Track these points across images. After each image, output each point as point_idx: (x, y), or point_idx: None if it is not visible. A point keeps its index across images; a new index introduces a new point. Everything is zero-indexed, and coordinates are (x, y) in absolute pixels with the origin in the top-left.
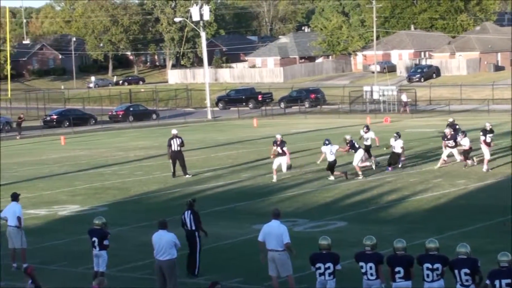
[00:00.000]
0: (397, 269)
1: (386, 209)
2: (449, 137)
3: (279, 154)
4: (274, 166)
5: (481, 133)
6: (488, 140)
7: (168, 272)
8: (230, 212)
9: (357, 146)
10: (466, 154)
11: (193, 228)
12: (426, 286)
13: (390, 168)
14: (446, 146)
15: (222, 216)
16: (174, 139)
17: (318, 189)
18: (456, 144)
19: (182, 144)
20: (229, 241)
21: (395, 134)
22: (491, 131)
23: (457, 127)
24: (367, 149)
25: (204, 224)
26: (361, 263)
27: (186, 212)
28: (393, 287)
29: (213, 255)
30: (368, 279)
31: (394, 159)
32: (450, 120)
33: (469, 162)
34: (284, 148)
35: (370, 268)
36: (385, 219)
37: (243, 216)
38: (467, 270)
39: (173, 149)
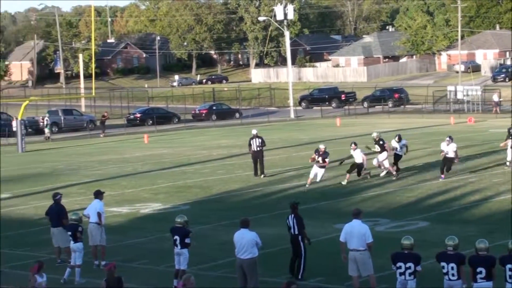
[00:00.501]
0: (479, 269)
1: (469, 209)
2: None
3: (319, 165)
4: (311, 175)
5: None
6: None
7: (249, 271)
8: (312, 211)
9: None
10: None
11: (296, 232)
12: (508, 286)
13: (443, 176)
14: None
15: (304, 215)
16: (254, 139)
17: (400, 189)
18: None
19: (262, 144)
20: (312, 240)
21: (447, 138)
22: None
23: None
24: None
25: (281, 225)
26: (443, 263)
27: (290, 216)
28: (474, 287)
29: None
30: (450, 279)
31: (447, 165)
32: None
33: None
34: (326, 159)
35: (452, 268)
36: (467, 219)
37: (324, 215)
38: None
39: (253, 149)
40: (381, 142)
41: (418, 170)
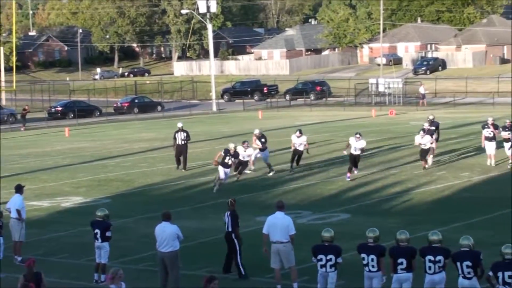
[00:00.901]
0: (399, 260)
1: (390, 201)
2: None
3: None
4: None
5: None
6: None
7: (170, 264)
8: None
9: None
10: (424, 154)
11: (230, 229)
12: (427, 278)
13: (349, 175)
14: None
15: (225, 208)
16: (180, 133)
17: (322, 181)
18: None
19: (187, 138)
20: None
21: (356, 135)
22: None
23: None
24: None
25: (206, 217)
26: (363, 255)
27: (226, 213)
28: (394, 278)
29: (215, 247)
30: (370, 271)
31: (356, 163)
32: (431, 117)
33: (428, 161)
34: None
35: (372, 260)
36: (388, 211)
37: (246, 208)
38: (469, 263)
39: (178, 142)
40: (263, 140)
41: (339, 162)
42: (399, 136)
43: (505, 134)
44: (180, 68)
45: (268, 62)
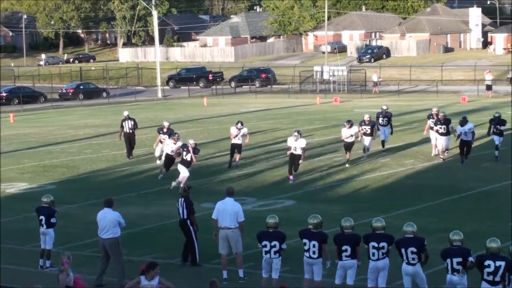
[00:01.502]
0: (344, 247)
1: (334, 188)
2: (367, 122)
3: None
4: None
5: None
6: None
7: (111, 250)
8: (179, 190)
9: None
10: (349, 147)
11: (185, 216)
12: (371, 265)
13: (292, 178)
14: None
15: (171, 194)
16: (127, 121)
17: (267, 168)
18: (372, 132)
19: (135, 126)
20: (177, 219)
21: (295, 133)
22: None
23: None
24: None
25: (152, 204)
26: (305, 240)
27: (180, 200)
28: (339, 265)
29: (162, 233)
30: (310, 257)
31: (295, 164)
32: (384, 107)
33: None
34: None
35: (313, 246)
36: (333, 198)
37: (192, 194)
38: (413, 249)
39: (125, 130)
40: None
41: (284, 150)
42: (342, 123)
43: (437, 128)
44: (126, 55)
45: (213, 49)
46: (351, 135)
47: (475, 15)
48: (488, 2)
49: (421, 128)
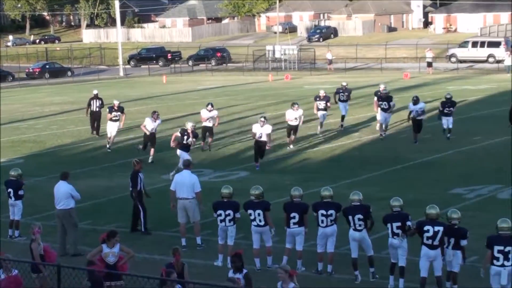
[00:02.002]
0: (292, 215)
1: (286, 160)
2: (322, 98)
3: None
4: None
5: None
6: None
7: (65, 221)
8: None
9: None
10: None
11: (141, 188)
12: (320, 231)
13: (258, 164)
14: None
15: (130, 167)
16: (95, 100)
17: (223, 142)
18: (327, 107)
19: (102, 105)
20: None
21: (261, 118)
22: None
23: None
24: None
25: (115, 176)
26: (250, 211)
27: (131, 173)
28: (288, 232)
29: (124, 204)
30: (258, 225)
31: (260, 152)
32: (344, 83)
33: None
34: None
35: (259, 215)
36: (284, 169)
37: (151, 167)
38: (360, 216)
39: (92, 109)
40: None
41: (239, 124)
42: (294, 99)
43: (379, 104)
44: (89, 36)
45: (171, 30)
46: (295, 118)
47: None
48: None
49: (367, 102)
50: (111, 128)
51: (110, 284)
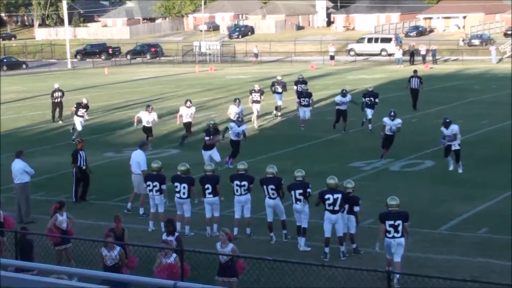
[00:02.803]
0: (206, 186)
1: None
2: (256, 91)
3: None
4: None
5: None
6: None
7: (20, 193)
8: (86, 143)
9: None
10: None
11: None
12: (236, 199)
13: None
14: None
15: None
16: (56, 92)
17: (158, 123)
18: (260, 100)
19: (62, 96)
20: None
21: (238, 118)
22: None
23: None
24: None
25: (63, 155)
26: (176, 184)
27: (73, 151)
28: (205, 202)
29: (70, 178)
30: (181, 197)
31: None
32: (279, 77)
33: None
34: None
35: (184, 188)
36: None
37: (95, 146)
38: (273, 186)
39: (55, 100)
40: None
41: (170, 108)
42: (217, 87)
43: (299, 100)
44: (41, 34)
45: (112, 28)
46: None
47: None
48: None
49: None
50: (78, 123)
51: (65, 247)
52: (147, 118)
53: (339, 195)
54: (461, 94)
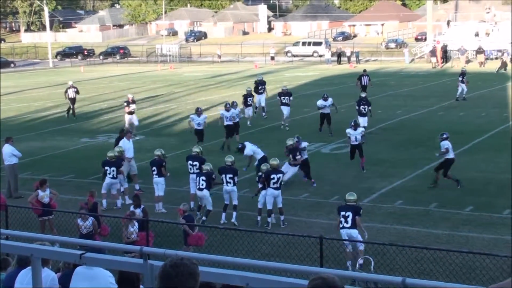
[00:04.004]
0: (153, 168)
1: (171, 126)
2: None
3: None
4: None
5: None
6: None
7: (8, 173)
8: (64, 130)
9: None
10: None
11: None
12: (191, 176)
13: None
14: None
15: (57, 133)
16: (71, 88)
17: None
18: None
19: (77, 92)
20: (63, 150)
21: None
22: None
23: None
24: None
25: (46, 140)
26: (106, 168)
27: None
28: (154, 181)
29: (54, 159)
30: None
31: None
32: (259, 78)
33: None
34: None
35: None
36: (170, 133)
37: (73, 133)
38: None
39: (70, 96)
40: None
41: (141, 99)
42: (176, 83)
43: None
44: (27, 38)
45: (87, 33)
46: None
47: (262, 9)
48: (271, 1)
49: (228, 85)
50: (128, 119)
51: (47, 218)
52: (197, 119)
53: (281, 175)
54: (381, 88)
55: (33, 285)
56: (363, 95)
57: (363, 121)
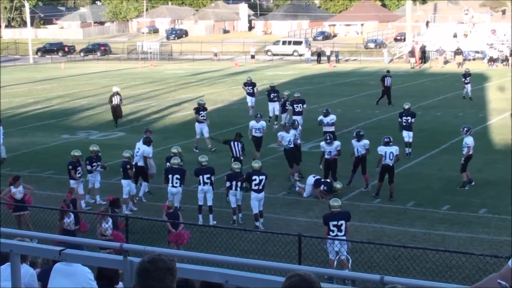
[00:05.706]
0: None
1: (152, 123)
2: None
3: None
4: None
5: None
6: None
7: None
8: (45, 126)
9: None
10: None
11: None
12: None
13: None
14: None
15: (38, 129)
16: (115, 96)
17: (104, 110)
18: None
19: (121, 100)
20: (44, 146)
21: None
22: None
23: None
24: None
25: (26, 136)
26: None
27: None
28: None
29: (32, 156)
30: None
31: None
32: (248, 78)
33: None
34: None
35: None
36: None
37: (54, 129)
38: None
39: (114, 103)
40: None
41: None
42: (156, 80)
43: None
44: (7, 34)
45: (68, 30)
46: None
47: (243, 8)
48: (252, 0)
49: (210, 83)
50: (199, 129)
51: (22, 214)
52: (256, 126)
53: (263, 177)
54: (360, 88)
55: (12, 281)
56: (407, 106)
57: (407, 135)
